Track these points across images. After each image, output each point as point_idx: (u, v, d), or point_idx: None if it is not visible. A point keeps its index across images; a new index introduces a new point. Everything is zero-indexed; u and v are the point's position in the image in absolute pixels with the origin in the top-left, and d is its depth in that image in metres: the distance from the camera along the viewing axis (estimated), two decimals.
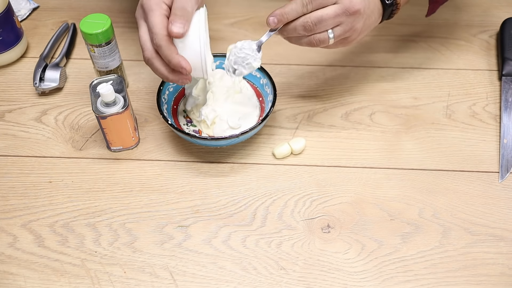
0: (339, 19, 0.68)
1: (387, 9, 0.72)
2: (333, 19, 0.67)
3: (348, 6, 0.67)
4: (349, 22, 0.68)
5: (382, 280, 0.66)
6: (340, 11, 0.67)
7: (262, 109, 0.79)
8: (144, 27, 0.67)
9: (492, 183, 0.74)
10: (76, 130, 0.81)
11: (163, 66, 0.67)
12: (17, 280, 0.67)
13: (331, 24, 0.68)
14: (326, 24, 0.68)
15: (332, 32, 0.69)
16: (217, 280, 0.66)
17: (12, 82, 0.88)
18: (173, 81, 0.68)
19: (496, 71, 0.87)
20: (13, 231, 0.71)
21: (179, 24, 0.64)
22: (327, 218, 0.71)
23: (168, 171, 0.76)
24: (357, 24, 0.69)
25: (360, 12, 0.68)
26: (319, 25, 0.68)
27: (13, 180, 0.76)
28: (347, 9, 0.67)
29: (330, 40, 0.69)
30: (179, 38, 0.65)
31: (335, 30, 0.69)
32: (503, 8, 0.96)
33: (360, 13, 0.68)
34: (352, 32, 0.70)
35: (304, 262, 0.67)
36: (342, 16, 0.67)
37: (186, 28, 0.65)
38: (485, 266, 0.66)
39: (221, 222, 0.71)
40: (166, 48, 0.65)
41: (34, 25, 0.97)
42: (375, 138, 0.79)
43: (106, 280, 0.66)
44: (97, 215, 0.72)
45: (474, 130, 0.80)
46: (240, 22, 0.96)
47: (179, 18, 0.65)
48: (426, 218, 0.71)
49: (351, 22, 0.68)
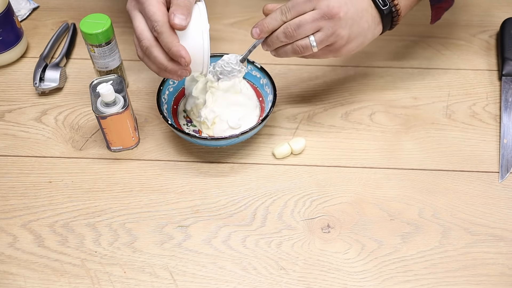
0: (318, 24, 0.67)
1: (386, 17, 0.70)
2: (311, 23, 0.67)
3: (325, 10, 0.66)
4: (329, 27, 0.67)
5: (382, 280, 0.66)
6: (318, 15, 0.66)
7: (262, 109, 0.79)
8: (140, 17, 0.66)
9: (492, 183, 0.74)
10: (76, 130, 0.81)
11: (163, 54, 0.65)
12: (17, 280, 0.67)
13: (311, 29, 0.67)
14: (305, 29, 0.67)
15: (314, 38, 0.68)
16: (217, 280, 0.66)
17: (12, 82, 0.88)
18: (171, 72, 0.66)
19: (496, 71, 0.87)
20: (13, 231, 0.71)
21: (181, 15, 0.63)
22: (327, 218, 0.71)
23: (168, 171, 0.76)
24: (340, 29, 0.67)
25: (340, 16, 0.66)
26: (299, 31, 0.67)
27: (13, 180, 0.76)
28: (325, 14, 0.66)
29: (313, 46, 0.68)
30: (181, 30, 0.64)
31: (316, 35, 0.68)
32: (503, 8, 0.96)
33: (339, 17, 0.66)
34: (336, 38, 0.68)
35: (304, 262, 0.67)
36: (320, 21, 0.67)
37: (188, 20, 0.64)
38: (485, 266, 0.66)
39: (221, 222, 0.71)
40: (168, 34, 0.63)
41: (34, 25, 0.97)
42: (375, 138, 0.79)
43: (106, 280, 0.66)
44: (97, 215, 0.72)
45: (474, 130, 0.80)
46: (240, 22, 0.96)
47: (181, 9, 0.63)
48: (426, 218, 0.71)
49: (332, 27, 0.67)
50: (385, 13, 0.69)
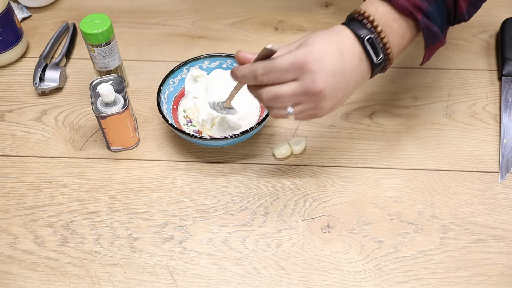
0: (298, 98, 0.60)
1: (377, 66, 0.64)
2: (291, 97, 0.60)
3: (309, 86, 0.59)
4: (311, 101, 0.60)
5: (382, 280, 0.66)
6: (300, 90, 0.59)
7: (262, 109, 0.79)
8: None
9: (492, 183, 0.74)
10: (76, 130, 0.81)
11: None
12: (17, 280, 0.67)
13: (290, 101, 0.61)
14: (283, 101, 0.61)
15: (292, 109, 0.61)
16: (217, 280, 0.66)
17: (12, 82, 0.88)
18: None
19: (496, 71, 0.87)
20: (13, 231, 0.71)
21: None
22: (327, 218, 0.71)
23: (168, 171, 0.76)
24: (323, 103, 0.60)
25: (325, 92, 0.59)
26: (276, 101, 0.61)
27: (13, 180, 0.76)
28: (307, 90, 0.59)
29: (289, 116, 0.62)
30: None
31: (296, 108, 0.61)
32: (503, 8, 0.96)
33: (324, 94, 0.59)
34: (317, 110, 0.61)
35: (304, 262, 0.67)
36: (301, 96, 0.60)
37: None
38: (485, 266, 0.66)
39: (221, 222, 0.71)
40: None
41: (34, 25, 0.97)
42: (375, 138, 0.79)
43: (106, 280, 0.66)
44: (97, 215, 0.72)
45: (474, 130, 0.80)
46: (240, 22, 0.96)
47: None
48: (426, 218, 0.71)
49: (314, 102, 0.60)
50: (377, 64, 0.63)
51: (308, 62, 0.58)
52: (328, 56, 0.59)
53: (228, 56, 0.82)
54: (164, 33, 0.95)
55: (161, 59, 0.90)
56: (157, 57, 0.91)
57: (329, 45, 0.60)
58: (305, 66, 0.58)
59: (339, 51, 0.60)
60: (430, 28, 0.64)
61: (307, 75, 0.59)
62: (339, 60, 0.60)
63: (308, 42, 0.60)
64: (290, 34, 0.94)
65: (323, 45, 0.60)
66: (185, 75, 0.81)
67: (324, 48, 0.59)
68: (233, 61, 0.82)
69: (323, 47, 0.60)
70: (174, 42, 0.93)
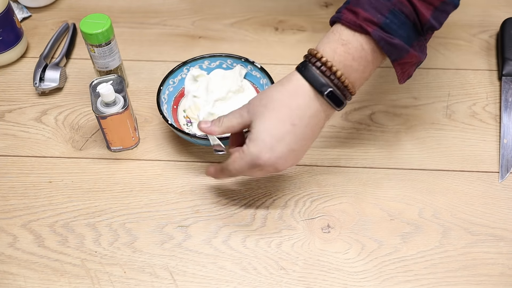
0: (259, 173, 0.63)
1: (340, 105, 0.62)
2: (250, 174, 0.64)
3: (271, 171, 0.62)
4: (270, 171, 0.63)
5: (382, 280, 0.66)
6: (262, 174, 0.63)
7: None
8: None
9: (492, 183, 0.74)
10: (76, 130, 0.81)
11: None
12: (17, 280, 0.67)
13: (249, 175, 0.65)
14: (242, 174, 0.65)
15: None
16: (217, 280, 0.66)
17: (12, 82, 0.88)
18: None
19: (496, 71, 0.87)
20: (13, 231, 0.71)
21: None
22: (327, 218, 0.71)
23: (168, 171, 0.76)
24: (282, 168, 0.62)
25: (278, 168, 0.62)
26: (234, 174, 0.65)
27: (13, 180, 0.76)
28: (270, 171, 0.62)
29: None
30: None
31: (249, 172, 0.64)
32: (503, 8, 0.96)
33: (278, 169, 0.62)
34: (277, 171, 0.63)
35: (304, 262, 0.67)
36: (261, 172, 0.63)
37: None
38: (485, 266, 0.66)
39: (221, 222, 0.71)
40: None
41: (34, 25, 0.97)
42: (375, 138, 0.79)
43: (106, 280, 0.66)
44: (97, 215, 0.72)
45: (474, 130, 0.80)
46: (240, 22, 0.96)
47: None
48: (426, 218, 0.71)
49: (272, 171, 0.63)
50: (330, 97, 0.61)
51: (263, 162, 0.60)
52: (281, 139, 0.60)
53: (228, 56, 0.82)
54: (164, 33, 0.95)
55: (161, 59, 0.90)
56: (157, 57, 0.91)
57: (280, 125, 0.60)
58: (258, 162, 0.61)
59: (293, 126, 0.60)
60: (387, 40, 0.59)
61: (266, 168, 0.61)
62: (294, 135, 0.60)
63: (255, 133, 0.61)
64: (290, 34, 0.94)
65: (272, 130, 0.60)
66: (185, 75, 0.81)
67: (273, 133, 0.60)
68: (233, 61, 0.82)
69: (272, 132, 0.60)
70: (174, 42, 0.93)
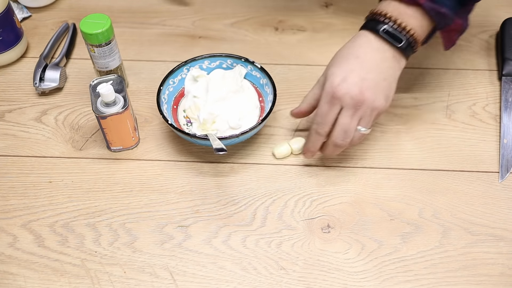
0: (357, 117, 0.67)
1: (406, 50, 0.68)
2: (352, 122, 0.67)
3: (353, 103, 0.66)
4: (365, 109, 0.67)
5: (382, 280, 0.66)
6: (351, 112, 0.67)
7: (262, 109, 0.79)
8: None
9: (492, 183, 0.74)
10: (76, 130, 0.81)
11: None
12: (17, 280, 0.67)
13: (355, 125, 0.68)
14: (351, 130, 0.68)
15: (362, 128, 0.68)
16: (217, 280, 0.66)
17: (12, 82, 0.88)
18: None
19: (496, 71, 0.87)
20: (13, 231, 0.71)
21: None
22: (327, 218, 0.71)
23: (168, 171, 0.76)
24: (373, 102, 0.67)
25: (366, 96, 0.66)
26: (347, 135, 0.68)
27: (13, 180, 0.76)
28: (355, 106, 0.66)
29: (366, 132, 0.69)
30: None
31: (362, 123, 0.68)
32: (503, 8, 0.96)
33: (366, 97, 0.66)
34: (378, 110, 0.68)
35: (304, 262, 0.67)
36: (357, 113, 0.67)
37: None
38: (485, 266, 0.66)
39: (221, 222, 0.71)
40: None
41: (34, 25, 0.97)
42: (375, 138, 0.79)
43: (106, 280, 0.66)
44: (97, 215, 0.72)
45: (474, 130, 0.80)
46: (240, 22, 0.96)
47: None
48: (426, 218, 0.71)
49: (366, 107, 0.67)
50: (404, 47, 0.68)
51: (336, 90, 0.66)
52: (350, 72, 0.66)
53: (228, 56, 0.82)
54: (164, 33, 0.95)
55: (161, 59, 0.90)
56: (157, 57, 0.91)
57: (346, 62, 0.67)
58: (336, 95, 0.66)
59: (357, 59, 0.67)
60: (437, 10, 0.66)
61: (343, 98, 0.66)
62: (362, 66, 0.67)
63: (328, 74, 0.68)
64: (290, 34, 0.94)
65: (341, 66, 0.67)
66: (185, 75, 0.81)
67: (343, 68, 0.67)
68: (233, 61, 0.82)
69: (341, 68, 0.67)
70: (174, 42, 0.93)
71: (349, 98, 0.66)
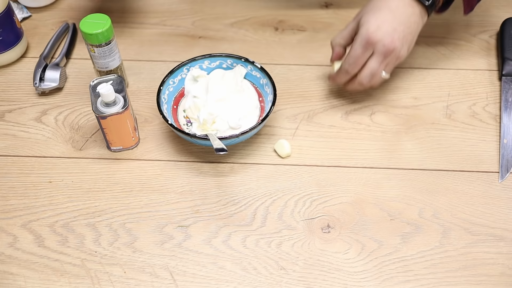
0: (384, 63, 0.75)
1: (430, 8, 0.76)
2: (379, 68, 0.75)
3: (384, 51, 0.73)
4: (392, 57, 0.74)
5: (382, 280, 0.66)
6: (381, 58, 0.74)
7: (262, 109, 0.79)
8: None
9: (492, 183, 0.74)
10: (76, 130, 0.81)
11: None
12: (17, 280, 0.67)
13: (380, 70, 0.76)
14: (377, 74, 0.76)
15: (385, 73, 0.76)
16: (217, 280, 0.66)
17: (12, 82, 0.88)
18: None
19: (496, 71, 0.87)
20: (13, 231, 0.71)
21: None
22: (327, 218, 0.71)
23: (168, 171, 0.76)
24: (400, 52, 0.74)
25: (396, 46, 0.73)
26: (373, 79, 0.76)
27: (13, 180, 0.76)
28: (385, 53, 0.73)
29: (387, 76, 0.77)
30: None
31: (386, 69, 0.76)
32: (503, 8, 0.96)
33: (396, 48, 0.73)
34: (400, 58, 0.75)
35: (304, 262, 0.67)
36: (385, 60, 0.74)
37: None
38: (485, 266, 0.66)
39: (221, 222, 0.71)
40: None
41: (34, 25, 0.97)
42: (375, 138, 0.79)
43: (106, 280, 0.66)
44: (97, 215, 0.72)
45: (474, 130, 0.80)
46: (240, 22, 0.96)
47: None
48: (426, 218, 0.71)
49: (394, 56, 0.74)
50: (430, 5, 0.75)
51: (371, 36, 0.73)
52: (383, 22, 0.73)
53: (228, 56, 0.82)
54: (164, 33, 0.95)
55: (161, 59, 0.90)
56: (157, 57, 0.91)
57: (380, 13, 0.74)
58: (371, 40, 0.73)
59: (390, 11, 0.74)
60: None
61: (377, 45, 0.73)
62: (394, 18, 0.73)
63: (363, 21, 0.75)
64: (290, 34, 0.94)
65: (375, 16, 0.74)
66: (185, 75, 0.81)
67: (377, 17, 0.73)
68: (233, 61, 0.82)
69: (376, 17, 0.73)
70: (174, 42, 0.93)
71: (381, 45, 0.72)
